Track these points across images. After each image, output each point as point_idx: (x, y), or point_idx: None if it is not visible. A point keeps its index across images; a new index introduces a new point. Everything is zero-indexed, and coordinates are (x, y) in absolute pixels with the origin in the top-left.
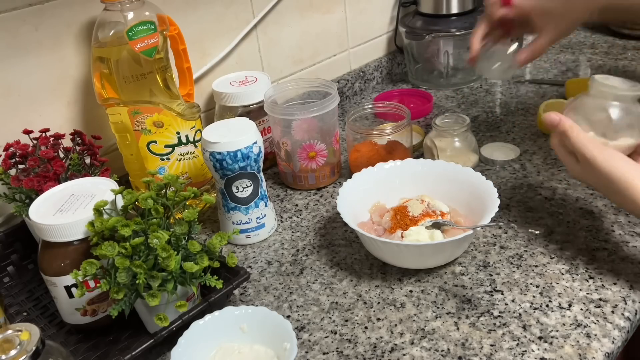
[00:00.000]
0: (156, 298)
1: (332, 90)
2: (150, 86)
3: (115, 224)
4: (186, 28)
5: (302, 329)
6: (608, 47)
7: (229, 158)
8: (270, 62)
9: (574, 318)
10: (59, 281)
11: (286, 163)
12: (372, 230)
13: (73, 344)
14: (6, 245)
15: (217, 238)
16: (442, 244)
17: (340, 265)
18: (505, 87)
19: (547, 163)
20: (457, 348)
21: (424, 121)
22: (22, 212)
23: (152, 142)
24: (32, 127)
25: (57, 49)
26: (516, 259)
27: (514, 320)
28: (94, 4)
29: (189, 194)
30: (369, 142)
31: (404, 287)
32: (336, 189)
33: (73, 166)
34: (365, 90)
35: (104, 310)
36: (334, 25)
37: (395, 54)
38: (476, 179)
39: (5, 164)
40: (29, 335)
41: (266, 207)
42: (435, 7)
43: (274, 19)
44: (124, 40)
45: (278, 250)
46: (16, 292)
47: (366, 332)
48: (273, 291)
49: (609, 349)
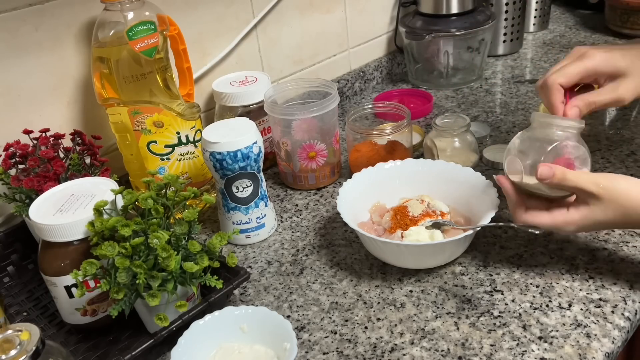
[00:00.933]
0: (156, 298)
1: (332, 90)
2: (150, 86)
3: (115, 224)
4: (186, 28)
5: (302, 329)
6: None
7: (229, 158)
8: (270, 62)
9: (574, 318)
10: (59, 281)
11: (286, 163)
12: (372, 230)
13: (73, 344)
14: (6, 245)
15: (217, 238)
16: (442, 244)
17: (340, 265)
18: (506, 87)
19: None
20: (457, 348)
21: (424, 121)
22: (22, 212)
23: (152, 142)
24: (32, 127)
25: (57, 49)
26: (516, 259)
27: (514, 320)
28: (94, 4)
29: (189, 194)
30: (369, 142)
31: (404, 287)
32: (336, 189)
33: (73, 166)
34: (365, 90)
35: (104, 310)
36: (334, 25)
37: (395, 54)
38: (476, 179)
39: (5, 164)
40: (29, 335)
41: (266, 207)
42: (435, 7)
43: (274, 19)
44: (124, 40)
45: (278, 250)
46: (16, 292)
47: (366, 332)
48: (273, 291)
49: (609, 349)
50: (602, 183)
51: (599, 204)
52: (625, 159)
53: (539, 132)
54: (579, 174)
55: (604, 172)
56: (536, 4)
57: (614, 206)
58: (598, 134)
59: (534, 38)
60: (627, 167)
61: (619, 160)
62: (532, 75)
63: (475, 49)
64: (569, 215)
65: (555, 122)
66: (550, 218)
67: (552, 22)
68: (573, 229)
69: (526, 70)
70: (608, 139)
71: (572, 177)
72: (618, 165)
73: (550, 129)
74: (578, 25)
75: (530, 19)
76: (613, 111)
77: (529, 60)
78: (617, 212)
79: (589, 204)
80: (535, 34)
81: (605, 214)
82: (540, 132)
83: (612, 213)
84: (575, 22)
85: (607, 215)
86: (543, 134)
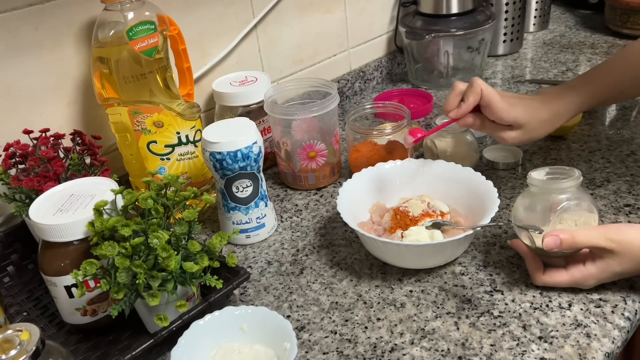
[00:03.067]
0: (156, 298)
1: (332, 90)
2: (150, 86)
3: (115, 224)
4: (186, 28)
5: (302, 329)
6: (608, 47)
7: (229, 158)
8: (270, 62)
9: (574, 318)
10: (59, 281)
11: (286, 163)
12: (372, 230)
13: (73, 344)
14: (6, 245)
15: (217, 238)
16: (442, 244)
17: (340, 265)
18: (506, 87)
19: (547, 163)
20: (457, 348)
21: (424, 121)
22: (22, 212)
23: (152, 142)
24: (32, 127)
25: (57, 49)
26: (516, 259)
27: (514, 320)
28: (94, 4)
29: (189, 194)
30: (369, 142)
31: (404, 287)
32: (336, 189)
33: (73, 166)
34: (365, 90)
35: (104, 310)
36: (334, 25)
37: (395, 54)
38: (476, 179)
39: (5, 164)
40: (29, 335)
41: (266, 207)
42: (435, 7)
43: (274, 19)
44: (124, 40)
45: (278, 250)
46: (16, 292)
47: (366, 332)
48: (273, 291)
49: (609, 349)
50: (612, 236)
51: (615, 257)
52: (625, 159)
53: (539, 199)
54: (587, 233)
55: (611, 224)
56: (536, 4)
57: (630, 257)
58: (598, 134)
59: (534, 38)
60: (627, 167)
61: (619, 160)
62: (532, 75)
63: (475, 49)
64: (587, 270)
65: (553, 186)
66: (569, 275)
67: (552, 22)
68: (593, 283)
69: (526, 70)
70: (608, 139)
71: (581, 239)
72: (618, 165)
73: (549, 195)
74: (578, 25)
75: (530, 19)
76: (613, 111)
77: (529, 60)
78: (634, 262)
79: (604, 257)
80: (535, 34)
81: (622, 266)
82: (540, 199)
83: (629, 264)
84: (575, 22)
85: (624, 267)
86: (543, 201)
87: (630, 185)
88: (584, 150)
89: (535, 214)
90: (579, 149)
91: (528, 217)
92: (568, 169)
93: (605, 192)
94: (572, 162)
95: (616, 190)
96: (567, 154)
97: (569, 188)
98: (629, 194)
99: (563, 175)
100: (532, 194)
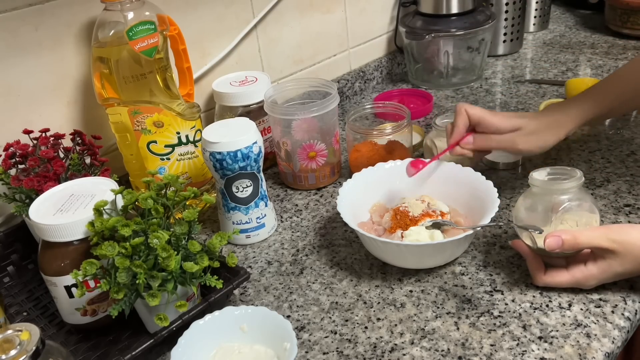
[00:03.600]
0: (156, 298)
1: (332, 90)
2: (150, 86)
3: (115, 224)
4: (186, 28)
5: (302, 329)
6: (608, 47)
7: (229, 158)
8: (270, 62)
9: (574, 318)
10: (59, 281)
11: (286, 163)
12: (372, 230)
13: (73, 344)
14: (6, 245)
15: (217, 238)
16: (442, 244)
17: (340, 265)
18: (505, 87)
19: (547, 163)
20: (457, 348)
21: (424, 121)
22: (22, 212)
23: (152, 142)
24: (32, 127)
25: (57, 49)
26: (516, 259)
27: (514, 320)
28: (94, 4)
29: (189, 194)
30: (369, 142)
31: (404, 287)
32: (336, 189)
33: (73, 166)
34: (365, 90)
35: (104, 310)
36: (334, 25)
37: (395, 54)
38: (476, 179)
39: (5, 164)
40: (29, 335)
41: (266, 207)
42: (435, 7)
43: (274, 19)
44: (124, 40)
45: (278, 250)
46: (16, 292)
47: (366, 332)
48: (273, 291)
49: (609, 349)
50: (614, 237)
51: (616, 258)
52: (625, 159)
53: (540, 200)
54: (589, 234)
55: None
56: (536, 4)
57: (631, 258)
58: (598, 134)
59: (534, 38)
60: (627, 167)
61: (619, 160)
62: (532, 75)
63: (475, 49)
64: (588, 270)
65: (555, 187)
66: (570, 275)
67: (552, 22)
68: (594, 283)
69: (526, 70)
70: (608, 139)
71: (583, 240)
72: (618, 165)
73: (551, 195)
74: (578, 25)
75: (530, 19)
76: None
77: (529, 60)
78: (635, 262)
79: (606, 258)
80: (535, 33)
81: (623, 267)
82: (542, 200)
83: (631, 265)
84: (575, 22)
85: (625, 268)
86: (545, 201)
87: (630, 185)
88: (584, 150)
89: (536, 214)
90: (579, 149)
91: (529, 217)
92: (569, 170)
93: (605, 192)
94: (572, 162)
95: (616, 190)
96: (567, 154)
97: (571, 189)
98: (629, 194)
99: (564, 176)
100: (534, 194)
